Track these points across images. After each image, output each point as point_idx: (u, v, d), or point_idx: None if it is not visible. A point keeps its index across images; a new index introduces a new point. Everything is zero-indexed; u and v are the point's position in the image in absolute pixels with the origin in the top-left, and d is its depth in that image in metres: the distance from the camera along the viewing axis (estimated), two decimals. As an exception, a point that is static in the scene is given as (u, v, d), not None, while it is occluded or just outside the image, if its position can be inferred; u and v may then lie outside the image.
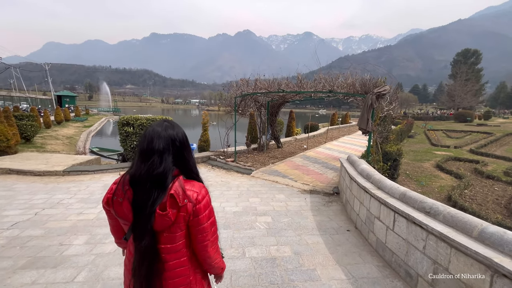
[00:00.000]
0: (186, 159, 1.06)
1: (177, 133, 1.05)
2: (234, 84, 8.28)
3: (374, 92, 5.67)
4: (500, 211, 4.81)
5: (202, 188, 1.05)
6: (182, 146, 1.05)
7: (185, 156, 1.06)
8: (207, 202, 1.04)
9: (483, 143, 13.90)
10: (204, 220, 1.03)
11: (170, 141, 1.01)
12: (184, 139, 1.07)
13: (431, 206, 2.46)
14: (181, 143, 1.05)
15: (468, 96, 49.22)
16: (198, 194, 1.01)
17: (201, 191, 1.03)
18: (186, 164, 1.06)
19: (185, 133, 1.11)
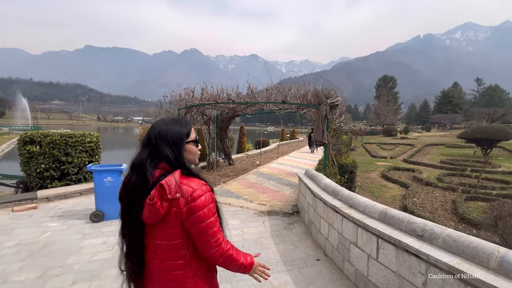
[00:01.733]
0: (165, 155, 1.03)
1: (157, 129, 1.06)
2: (178, 95, 7.30)
3: (327, 102, 5.49)
4: (450, 218, 4.92)
5: (202, 186, 1.03)
6: (159, 141, 1.04)
7: (161, 151, 1.03)
8: (206, 200, 1.01)
9: (411, 154, 15.68)
10: (201, 219, 0.99)
11: (148, 136, 1.07)
12: (162, 135, 1.05)
13: (424, 228, 1.99)
14: (156, 139, 1.04)
15: (390, 114, 57.37)
16: (194, 191, 0.99)
17: (199, 188, 1.01)
18: (169, 159, 1.03)
19: (173, 130, 1.08)
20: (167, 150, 1.03)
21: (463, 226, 4.50)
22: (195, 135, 1.17)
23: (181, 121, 1.12)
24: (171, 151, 1.04)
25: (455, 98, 68.74)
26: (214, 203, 1.04)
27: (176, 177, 0.98)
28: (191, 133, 1.13)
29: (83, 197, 5.63)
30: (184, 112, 7.47)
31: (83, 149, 6.25)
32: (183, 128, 1.10)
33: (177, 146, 1.06)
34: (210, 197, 1.02)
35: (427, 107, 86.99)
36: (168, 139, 1.05)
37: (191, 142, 1.12)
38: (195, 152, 1.16)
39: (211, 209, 1.01)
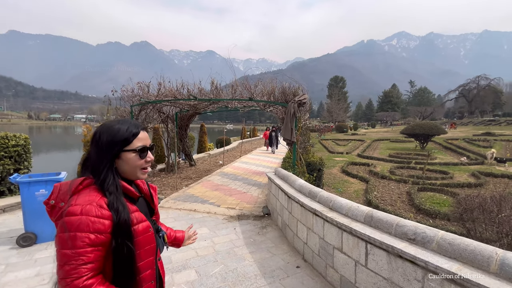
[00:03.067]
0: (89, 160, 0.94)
1: (97, 129, 0.96)
2: (130, 90, 6.44)
3: (295, 100, 5.38)
4: (409, 209, 5.27)
5: (92, 206, 0.83)
6: (92, 143, 0.94)
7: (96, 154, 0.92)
8: (78, 224, 0.79)
9: (363, 148, 16.97)
10: (57, 243, 0.81)
11: None
12: (96, 137, 0.94)
13: (415, 231, 1.92)
14: (92, 141, 0.94)
15: (341, 112, 61.88)
16: (72, 205, 0.83)
17: (83, 204, 0.82)
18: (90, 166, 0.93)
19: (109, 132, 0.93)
20: (93, 155, 0.91)
21: (421, 217, 4.86)
22: (143, 143, 0.96)
23: (128, 123, 0.95)
24: (95, 156, 0.90)
25: (394, 98, 77.53)
26: (97, 236, 0.80)
27: (75, 183, 0.87)
28: (133, 140, 0.93)
29: (7, 215, 4.53)
30: (138, 109, 6.65)
31: (6, 155, 5.06)
32: (122, 132, 0.92)
33: (104, 153, 0.90)
34: (90, 225, 0.80)
35: (372, 105, 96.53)
36: (99, 142, 0.91)
37: (131, 151, 0.93)
38: (136, 165, 0.95)
39: (77, 239, 0.78)
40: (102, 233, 0.81)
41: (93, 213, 0.80)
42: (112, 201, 0.85)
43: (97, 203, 0.83)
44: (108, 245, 0.83)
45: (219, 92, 6.03)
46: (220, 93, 6.06)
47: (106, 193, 0.86)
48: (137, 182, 1.06)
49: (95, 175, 0.88)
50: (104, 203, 0.84)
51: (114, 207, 0.85)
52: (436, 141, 19.40)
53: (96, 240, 0.80)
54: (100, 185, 0.87)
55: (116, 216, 0.84)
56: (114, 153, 0.90)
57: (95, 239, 0.80)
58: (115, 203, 0.85)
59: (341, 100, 66.71)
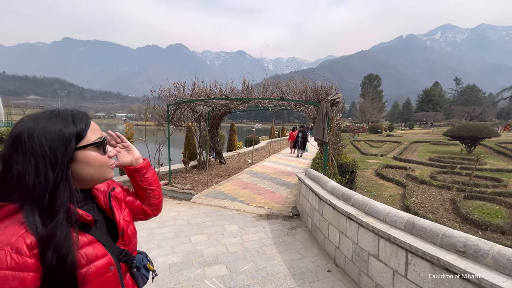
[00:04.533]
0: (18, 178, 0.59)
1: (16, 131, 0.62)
2: (167, 90, 6.79)
3: (328, 99, 5.22)
4: (453, 218, 4.82)
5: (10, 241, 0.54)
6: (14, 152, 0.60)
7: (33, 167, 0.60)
8: None
9: (400, 151, 15.89)
10: None
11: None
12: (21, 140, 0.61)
13: (465, 243, 1.74)
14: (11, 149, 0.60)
15: (375, 112, 58.66)
16: None
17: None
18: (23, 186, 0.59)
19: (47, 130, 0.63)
20: (25, 167, 0.59)
21: (468, 228, 4.40)
22: (100, 134, 0.73)
23: (66, 114, 0.68)
24: (31, 169, 0.59)
25: (435, 96, 71.41)
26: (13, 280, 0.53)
27: None
28: (86, 132, 0.69)
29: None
30: (174, 108, 6.98)
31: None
32: (69, 125, 0.65)
33: (50, 158, 0.61)
34: (2, 282, 0.52)
35: (410, 105, 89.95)
36: (32, 146, 0.60)
37: (89, 147, 0.69)
38: (100, 163, 0.71)
39: None
40: None
41: (3, 264, 0.52)
42: (49, 236, 0.57)
43: (12, 245, 0.54)
44: None
45: (251, 91, 6.09)
46: (252, 93, 6.11)
47: (36, 225, 0.57)
48: (94, 194, 0.80)
49: (26, 197, 0.59)
50: (24, 245, 0.55)
51: (52, 247, 0.57)
52: (486, 144, 17.45)
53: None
54: (35, 212, 0.58)
55: (52, 262, 0.56)
56: (69, 154, 0.64)
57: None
58: (56, 239, 0.58)
59: (375, 99, 63.30)
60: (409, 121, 69.55)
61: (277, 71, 7.51)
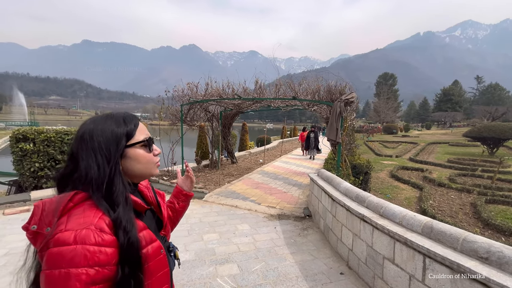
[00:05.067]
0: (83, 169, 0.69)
1: (80, 132, 0.73)
2: (180, 90, 6.91)
3: (342, 99, 5.13)
4: (473, 223, 4.62)
5: (85, 230, 0.61)
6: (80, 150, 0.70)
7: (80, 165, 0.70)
8: (72, 256, 0.57)
9: (416, 152, 15.39)
10: (42, 284, 0.58)
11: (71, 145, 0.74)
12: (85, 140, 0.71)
13: (488, 249, 1.66)
14: (78, 147, 0.71)
15: (390, 112, 57.07)
16: (61, 231, 0.60)
17: (74, 230, 0.60)
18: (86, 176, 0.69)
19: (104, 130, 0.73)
20: (86, 161, 0.69)
21: (489, 233, 4.19)
22: (147, 134, 0.81)
23: (118, 116, 0.77)
24: (90, 162, 0.69)
25: (455, 96, 68.57)
26: (99, 271, 0.60)
27: (63, 200, 0.65)
28: (135, 132, 0.77)
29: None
30: (187, 108, 7.10)
31: (80, 147, 5.88)
32: (120, 125, 0.75)
33: (106, 153, 0.70)
34: (88, 256, 0.59)
35: (427, 105, 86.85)
36: (91, 142, 0.70)
37: (137, 145, 0.77)
38: (147, 160, 0.79)
39: (71, 278, 0.56)
40: (105, 266, 0.61)
41: (91, 240, 0.60)
42: (119, 219, 0.66)
43: (95, 226, 0.62)
44: (113, 280, 0.63)
45: (263, 91, 6.09)
46: (264, 92, 6.11)
47: (108, 209, 0.67)
48: (141, 189, 0.88)
49: (91, 187, 0.68)
50: (105, 225, 0.64)
51: (122, 228, 0.65)
52: (510, 146, 16.62)
53: (97, 276, 0.59)
54: (102, 199, 0.68)
55: (124, 240, 0.64)
56: (120, 151, 0.73)
57: (96, 276, 0.59)
58: (123, 221, 0.66)
59: (390, 98, 61.54)
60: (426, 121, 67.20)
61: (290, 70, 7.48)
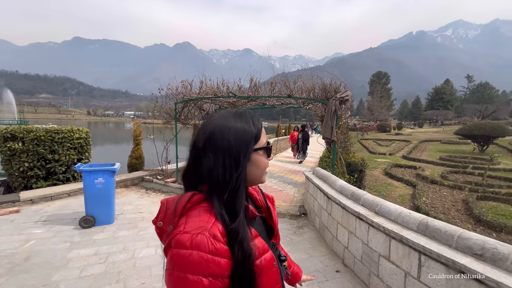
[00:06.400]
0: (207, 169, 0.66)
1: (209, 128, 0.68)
2: (174, 88, 6.82)
3: (337, 97, 5.14)
4: (466, 219, 4.70)
5: (200, 236, 0.58)
6: (208, 147, 0.66)
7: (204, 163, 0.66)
8: (189, 261, 0.56)
9: (409, 150, 15.61)
10: (166, 281, 0.60)
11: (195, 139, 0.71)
12: (215, 137, 0.66)
13: (483, 246, 1.68)
14: (206, 143, 0.67)
15: (383, 110, 57.74)
16: (181, 233, 0.59)
17: (193, 233, 0.58)
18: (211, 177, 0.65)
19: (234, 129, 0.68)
20: (216, 162, 0.65)
21: (481, 229, 4.28)
22: (267, 138, 0.77)
23: (247, 115, 0.72)
24: (220, 165, 0.65)
25: (446, 94, 69.81)
26: (212, 282, 0.57)
27: (182, 200, 0.64)
28: (261, 135, 0.72)
29: (71, 199, 5.16)
30: (181, 106, 7.01)
31: (71, 146, 5.75)
32: (250, 126, 0.69)
33: (236, 157, 0.65)
34: (203, 265, 0.56)
35: (419, 103, 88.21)
36: (221, 144, 0.65)
37: (260, 150, 0.71)
38: (265, 166, 0.74)
39: (188, 284, 0.56)
40: (218, 278, 0.58)
41: (206, 248, 0.57)
42: (237, 231, 0.62)
43: (210, 232, 0.59)
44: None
45: (258, 89, 6.05)
46: (259, 90, 6.07)
47: (223, 216, 0.62)
48: (250, 192, 0.83)
49: (213, 190, 0.65)
50: (218, 232, 0.60)
51: (239, 241, 0.61)
52: (500, 144, 16.97)
53: (210, 287, 0.57)
54: (220, 204, 0.64)
55: (239, 255, 0.60)
56: (249, 155, 0.68)
57: (209, 287, 0.57)
58: (240, 234, 0.62)
59: (384, 97, 62.17)
60: (419, 119, 68.22)
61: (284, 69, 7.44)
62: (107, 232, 3.74)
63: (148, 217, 4.44)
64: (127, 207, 4.89)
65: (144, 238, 3.63)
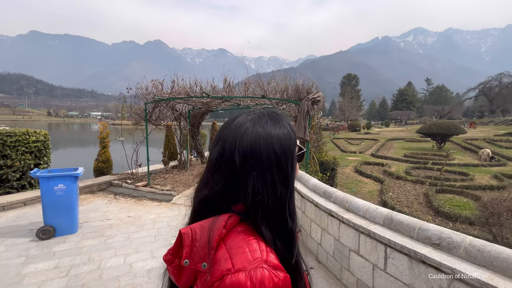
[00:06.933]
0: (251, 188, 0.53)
1: (248, 138, 0.55)
2: (144, 88, 6.53)
3: (309, 98, 5.28)
4: (426, 211, 5.08)
5: (260, 270, 0.46)
6: (251, 164, 0.53)
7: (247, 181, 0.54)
8: None
9: (377, 148, 16.56)
10: None
11: (221, 150, 0.56)
12: (259, 151, 0.54)
13: (440, 236, 1.81)
14: (247, 159, 0.53)
15: (353, 111, 60.66)
16: (230, 271, 0.46)
17: (247, 269, 0.46)
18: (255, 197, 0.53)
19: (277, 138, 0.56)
20: (263, 180, 0.54)
21: (440, 220, 4.66)
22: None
23: (281, 116, 0.61)
24: (269, 182, 0.54)
25: (409, 96, 75.17)
26: None
27: (218, 227, 0.52)
28: (296, 138, 0.63)
29: (28, 208, 4.70)
30: (152, 107, 6.73)
31: (27, 150, 5.24)
32: (289, 130, 0.60)
33: (285, 169, 0.56)
34: None
35: (386, 104, 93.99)
36: (269, 158, 0.54)
37: (298, 155, 0.63)
38: (297, 173, 0.65)
39: None
40: None
41: (270, 284, 0.46)
42: (299, 260, 0.56)
43: (268, 264, 0.48)
44: None
45: (232, 89, 6.01)
46: (233, 91, 6.04)
47: (277, 245, 0.54)
48: None
49: (261, 213, 0.54)
50: (276, 259, 0.50)
51: (299, 268, 0.56)
52: (455, 141, 18.67)
53: None
54: (266, 226, 0.54)
55: (301, 284, 0.55)
56: (295, 166, 0.60)
57: None
58: (300, 262, 0.57)
59: (353, 98, 65.32)
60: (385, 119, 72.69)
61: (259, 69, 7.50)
62: (70, 243, 3.46)
63: (117, 224, 4.19)
64: (93, 214, 4.57)
65: (112, 246, 3.42)
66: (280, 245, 0.54)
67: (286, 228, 0.56)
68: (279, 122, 0.59)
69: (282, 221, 0.56)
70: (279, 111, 0.65)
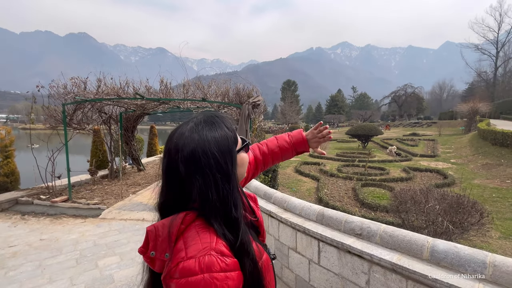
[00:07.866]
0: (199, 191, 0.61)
1: (189, 147, 0.62)
2: (62, 87, 5.59)
3: (250, 102, 5.39)
4: (354, 204, 5.73)
5: (207, 257, 0.55)
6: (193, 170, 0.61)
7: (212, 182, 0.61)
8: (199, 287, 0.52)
9: (314, 149, 18.05)
10: None
11: (168, 162, 0.64)
12: (197, 157, 0.61)
13: (361, 226, 2.04)
14: (189, 167, 0.61)
15: (293, 114, 64.93)
16: (183, 259, 0.55)
17: (198, 257, 0.55)
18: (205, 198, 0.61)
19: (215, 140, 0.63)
20: (206, 182, 0.61)
21: (365, 210, 5.33)
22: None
23: (217, 119, 0.68)
24: (213, 183, 0.61)
25: (339, 102, 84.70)
26: None
27: (175, 224, 0.60)
28: (236, 134, 0.71)
29: None
30: (73, 108, 5.82)
31: None
32: (226, 131, 0.66)
33: (225, 169, 0.63)
34: (218, 285, 0.53)
35: (321, 108, 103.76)
36: (209, 162, 0.61)
37: (243, 149, 0.72)
38: (247, 161, 0.75)
39: None
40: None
41: (216, 267, 0.54)
42: (244, 243, 0.61)
43: (216, 251, 0.56)
44: None
45: (170, 91, 5.68)
46: (171, 93, 5.71)
47: (224, 231, 0.60)
48: None
49: (210, 210, 0.61)
50: (224, 247, 0.58)
51: (246, 252, 0.61)
52: (375, 140, 21.77)
53: None
54: (218, 219, 0.61)
55: (249, 267, 0.60)
56: (235, 162, 0.66)
57: None
58: (246, 245, 0.61)
59: (293, 103, 69.92)
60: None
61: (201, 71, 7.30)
62: (-51, 283, 2.67)
63: (25, 251, 3.45)
64: (-13, 243, 3.66)
65: (15, 280, 2.79)
66: (229, 235, 0.61)
67: (231, 216, 0.62)
68: (215, 125, 0.66)
69: (226, 211, 0.62)
70: (219, 114, 0.72)
